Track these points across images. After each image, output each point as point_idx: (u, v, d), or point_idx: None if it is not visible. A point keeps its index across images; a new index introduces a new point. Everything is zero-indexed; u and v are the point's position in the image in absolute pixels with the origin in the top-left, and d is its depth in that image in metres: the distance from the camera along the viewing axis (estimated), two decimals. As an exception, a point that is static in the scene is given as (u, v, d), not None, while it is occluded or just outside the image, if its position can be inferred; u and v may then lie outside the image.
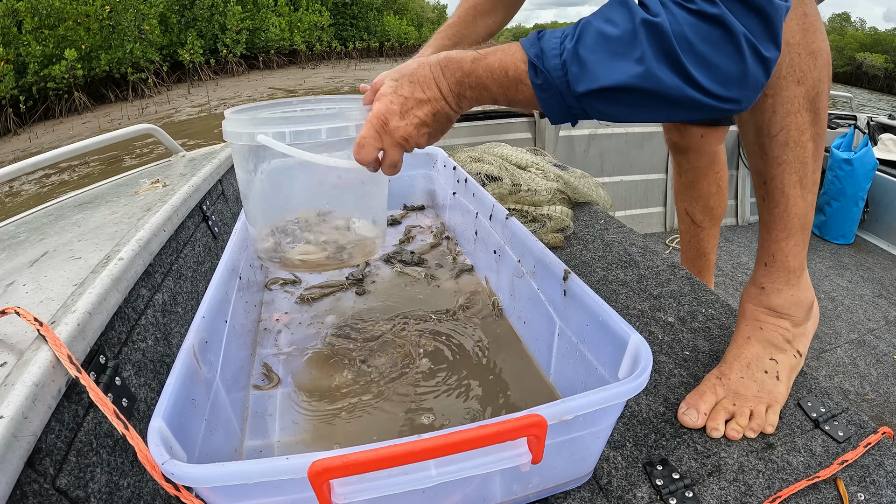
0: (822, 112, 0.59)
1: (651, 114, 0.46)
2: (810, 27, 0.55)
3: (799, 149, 0.59)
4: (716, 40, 0.41)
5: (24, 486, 0.36)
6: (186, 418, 0.42)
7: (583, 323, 0.56)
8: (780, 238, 0.64)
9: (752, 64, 0.42)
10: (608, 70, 0.44)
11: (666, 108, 0.45)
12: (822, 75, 0.57)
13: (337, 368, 0.67)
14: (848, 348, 1.39)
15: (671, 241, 2.01)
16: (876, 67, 20.22)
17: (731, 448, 0.56)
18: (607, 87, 0.45)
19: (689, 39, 0.42)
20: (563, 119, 0.50)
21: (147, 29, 12.35)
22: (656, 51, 0.42)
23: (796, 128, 0.58)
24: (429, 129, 0.55)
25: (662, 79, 0.43)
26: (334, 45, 20.92)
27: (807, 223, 0.63)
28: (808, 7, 0.55)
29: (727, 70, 0.42)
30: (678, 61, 0.42)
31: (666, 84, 0.43)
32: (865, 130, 2.12)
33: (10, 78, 9.73)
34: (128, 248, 0.60)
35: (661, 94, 0.43)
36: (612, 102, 0.46)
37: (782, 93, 0.57)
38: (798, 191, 0.61)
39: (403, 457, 0.35)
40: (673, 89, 0.43)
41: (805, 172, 0.60)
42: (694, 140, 1.07)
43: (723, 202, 1.14)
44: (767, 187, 0.63)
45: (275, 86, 14.19)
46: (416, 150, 1.24)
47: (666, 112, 0.45)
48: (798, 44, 0.55)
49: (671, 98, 0.43)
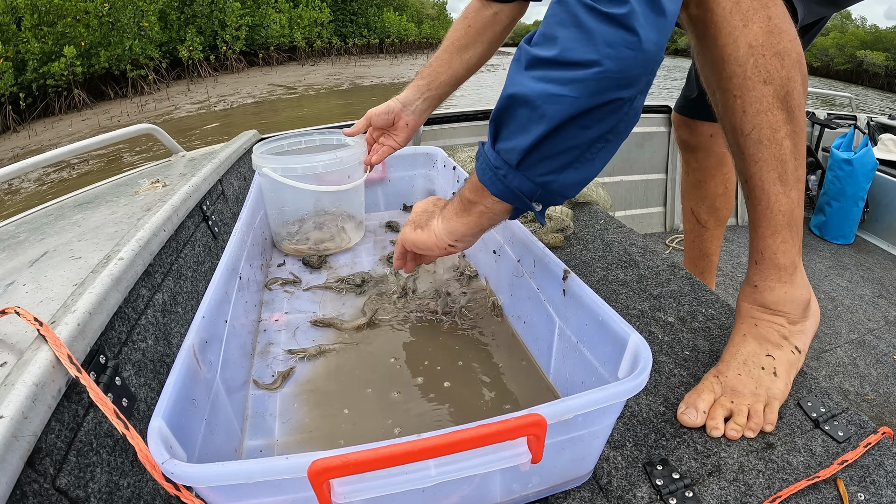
0: (796, 110, 0.59)
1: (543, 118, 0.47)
2: (775, 29, 0.56)
3: (774, 146, 0.60)
4: (558, 18, 0.46)
5: (24, 486, 0.36)
6: (186, 418, 0.42)
7: (583, 323, 0.56)
8: (766, 235, 0.64)
9: (595, 24, 0.44)
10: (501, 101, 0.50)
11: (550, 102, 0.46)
12: (792, 74, 0.57)
13: (336, 368, 0.68)
14: (848, 348, 1.39)
15: (671, 241, 2.01)
16: (877, 65, 20.20)
17: (731, 448, 0.56)
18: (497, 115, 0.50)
19: (541, 33, 0.47)
20: (497, 186, 0.52)
21: (146, 26, 12.32)
22: (519, 69, 0.48)
23: (769, 126, 0.59)
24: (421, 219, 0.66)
25: (531, 85, 0.46)
26: (334, 41, 20.88)
27: (793, 220, 0.63)
28: (773, 10, 0.56)
29: (572, 39, 0.45)
30: (532, 60, 0.47)
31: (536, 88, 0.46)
32: (865, 130, 2.12)
33: (10, 75, 9.71)
34: (128, 248, 0.60)
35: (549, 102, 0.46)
36: (510, 134, 0.49)
37: (749, 93, 0.58)
38: (779, 187, 0.61)
39: (403, 456, 0.35)
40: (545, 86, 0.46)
41: (784, 170, 0.61)
42: (703, 139, 1.07)
43: (729, 203, 1.14)
44: (748, 185, 0.64)
45: (275, 82, 14.16)
46: (416, 150, 1.27)
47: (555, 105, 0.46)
48: (762, 45, 0.56)
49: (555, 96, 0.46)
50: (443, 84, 0.90)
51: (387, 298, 0.83)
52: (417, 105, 0.90)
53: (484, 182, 0.53)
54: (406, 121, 0.91)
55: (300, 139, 1.05)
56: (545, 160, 0.49)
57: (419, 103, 0.90)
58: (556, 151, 0.48)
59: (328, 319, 0.77)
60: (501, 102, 0.49)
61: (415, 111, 0.90)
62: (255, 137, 1.37)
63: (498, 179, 0.51)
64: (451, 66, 0.90)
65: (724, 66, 0.59)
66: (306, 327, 0.76)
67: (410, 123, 0.91)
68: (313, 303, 0.83)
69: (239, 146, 1.22)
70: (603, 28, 0.44)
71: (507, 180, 0.51)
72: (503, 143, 0.50)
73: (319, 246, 0.98)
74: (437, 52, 0.92)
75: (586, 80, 0.44)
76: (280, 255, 0.98)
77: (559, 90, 0.45)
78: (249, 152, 1.28)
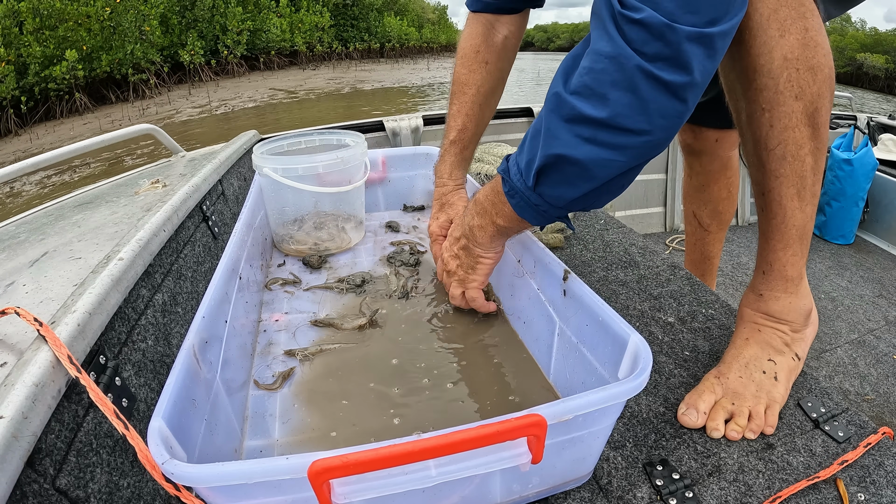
0: (821, 127, 0.58)
1: (596, 177, 0.49)
2: (811, 42, 0.54)
3: (797, 163, 0.59)
4: (611, 77, 0.44)
5: (24, 486, 0.36)
6: (186, 418, 0.42)
7: (583, 323, 0.56)
8: (777, 248, 0.64)
9: (651, 91, 0.43)
10: (537, 153, 0.51)
11: (600, 166, 0.48)
12: (823, 90, 0.56)
13: (336, 368, 0.67)
14: (848, 348, 1.38)
15: (671, 242, 2.01)
16: (876, 68, 20.22)
17: (731, 448, 0.56)
18: (541, 168, 0.51)
19: (588, 85, 0.45)
20: (540, 220, 0.57)
21: (148, 30, 12.36)
22: (557, 118, 0.48)
23: (794, 142, 0.58)
24: (459, 262, 0.71)
25: (568, 140, 0.47)
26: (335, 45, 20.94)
27: (805, 234, 0.63)
28: (811, 21, 0.54)
29: (625, 104, 0.44)
30: (575, 116, 0.46)
31: (573, 143, 0.47)
32: (865, 130, 2.12)
33: (11, 79, 9.75)
34: (128, 248, 0.60)
35: (581, 156, 0.47)
36: (557, 184, 0.51)
37: (779, 108, 0.56)
38: (796, 203, 0.61)
39: (403, 457, 0.35)
40: (583, 142, 0.46)
41: (803, 185, 0.60)
42: (708, 143, 1.05)
43: (731, 207, 1.13)
44: (765, 199, 0.63)
45: (275, 87, 14.20)
46: (416, 150, 1.27)
47: (603, 168, 0.48)
48: (797, 59, 0.54)
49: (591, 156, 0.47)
50: (473, 138, 0.87)
51: (387, 298, 0.83)
52: (456, 174, 0.87)
53: (526, 217, 0.57)
54: (459, 196, 0.87)
55: (300, 139, 1.06)
56: (586, 201, 0.53)
57: (458, 173, 0.87)
58: (597, 196, 0.52)
59: (328, 319, 0.77)
60: (547, 160, 0.49)
61: (457, 181, 0.87)
62: (255, 138, 1.38)
63: (540, 215, 0.56)
64: (484, 118, 0.87)
65: (755, 77, 0.56)
66: (306, 327, 0.76)
67: (461, 193, 0.88)
68: (313, 303, 0.83)
69: (239, 146, 1.22)
70: (659, 98, 0.43)
71: (548, 216, 0.56)
72: (548, 189, 0.52)
73: (319, 246, 0.98)
74: (458, 103, 0.85)
75: (636, 147, 0.46)
76: (280, 256, 0.98)
77: (610, 156, 0.46)
78: (249, 152, 1.28)
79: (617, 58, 0.43)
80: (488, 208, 0.62)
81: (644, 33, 0.42)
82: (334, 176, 0.92)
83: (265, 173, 0.89)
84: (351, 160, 0.93)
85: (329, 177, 0.92)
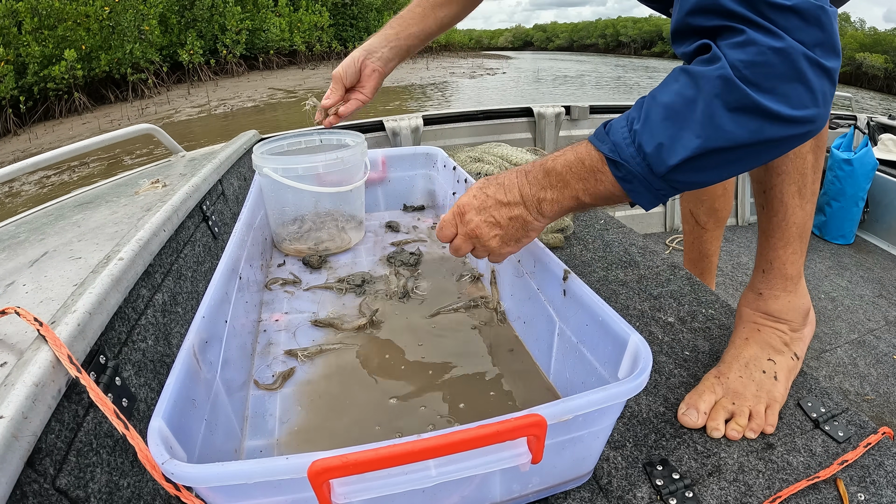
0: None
1: (744, 165, 0.46)
2: None
3: (799, 160, 0.60)
4: (779, 70, 0.41)
5: (24, 486, 0.36)
6: (186, 418, 0.42)
7: (583, 323, 0.56)
8: (777, 246, 0.65)
9: (817, 79, 0.41)
10: (682, 141, 0.44)
11: (753, 155, 0.44)
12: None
13: (336, 368, 0.67)
14: (848, 348, 1.38)
15: (671, 241, 2.01)
16: (876, 68, 20.22)
17: (731, 448, 0.56)
18: (686, 159, 0.45)
19: (752, 80, 0.41)
20: (655, 203, 0.50)
21: (147, 29, 12.35)
22: (721, 106, 0.42)
23: None
24: (501, 232, 0.58)
25: (734, 131, 0.43)
26: (334, 45, 20.90)
27: (805, 232, 0.64)
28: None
29: (796, 95, 0.41)
30: (747, 105, 0.42)
31: (739, 135, 0.43)
32: (865, 130, 2.12)
33: (10, 78, 9.74)
34: (128, 248, 0.60)
35: (742, 144, 0.43)
36: (698, 171, 0.46)
37: None
38: (797, 200, 0.62)
39: (403, 457, 0.35)
40: (750, 135, 0.43)
41: (804, 183, 0.61)
42: None
43: (728, 204, 1.14)
44: (767, 196, 0.64)
45: (275, 86, 14.19)
46: (416, 150, 1.25)
47: (754, 157, 0.45)
48: None
49: (752, 143, 0.43)
50: (412, 36, 0.87)
51: (387, 298, 0.83)
52: (384, 52, 0.87)
53: (640, 201, 0.51)
54: (372, 68, 0.88)
55: (300, 139, 1.06)
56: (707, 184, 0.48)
57: (385, 51, 0.87)
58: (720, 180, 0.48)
59: (328, 319, 0.77)
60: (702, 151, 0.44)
61: (381, 58, 0.87)
62: (255, 137, 1.37)
63: (657, 199, 0.50)
64: (425, 21, 0.87)
65: None
66: (306, 327, 0.76)
67: (378, 70, 0.88)
68: (313, 303, 0.83)
69: (239, 146, 1.22)
70: (825, 86, 0.42)
71: (663, 198, 0.50)
72: (684, 176, 0.47)
73: (319, 246, 0.98)
74: (410, 4, 0.88)
75: (801, 136, 0.44)
76: (280, 256, 0.98)
77: (773, 148, 0.44)
78: (249, 152, 1.28)
79: (782, 50, 0.40)
80: (572, 183, 0.53)
81: (798, 20, 0.40)
82: (334, 176, 0.92)
83: (265, 173, 0.89)
84: (351, 160, 0.93)
85: (329, 177, 0.92)
